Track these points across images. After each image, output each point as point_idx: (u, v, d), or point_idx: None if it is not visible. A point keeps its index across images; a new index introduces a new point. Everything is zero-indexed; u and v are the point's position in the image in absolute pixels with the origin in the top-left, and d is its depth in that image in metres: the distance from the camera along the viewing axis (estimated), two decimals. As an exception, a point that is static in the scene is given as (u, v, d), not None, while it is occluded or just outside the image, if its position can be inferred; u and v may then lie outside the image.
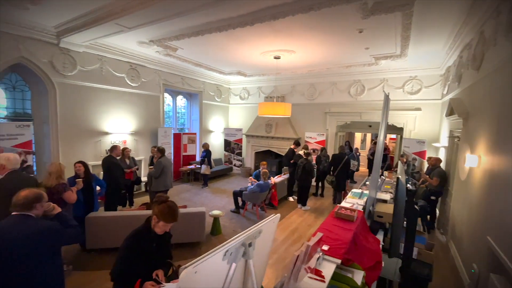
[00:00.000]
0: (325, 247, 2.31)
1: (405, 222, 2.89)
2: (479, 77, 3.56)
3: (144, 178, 7.00)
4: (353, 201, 3.71)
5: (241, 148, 10.29)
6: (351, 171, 8.48)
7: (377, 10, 3.67)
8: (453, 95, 5.15)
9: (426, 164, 6.40)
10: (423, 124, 7.10)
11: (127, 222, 3.85)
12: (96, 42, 5.61)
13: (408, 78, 7.18)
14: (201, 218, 4.24)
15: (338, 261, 2.16)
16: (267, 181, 5.91)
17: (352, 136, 12.46)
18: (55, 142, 5.49)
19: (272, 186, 6.35)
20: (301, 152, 6.77)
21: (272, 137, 9.45)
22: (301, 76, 8.65)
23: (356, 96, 8.03)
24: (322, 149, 7.74)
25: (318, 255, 2.07)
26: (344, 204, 3.54)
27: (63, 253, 2.12)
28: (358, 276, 2.12)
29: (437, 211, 5.68)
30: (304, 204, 6.55)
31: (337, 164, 6.66)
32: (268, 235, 1.36)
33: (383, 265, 2.56)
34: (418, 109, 7.09)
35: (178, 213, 1.94)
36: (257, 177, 6.23)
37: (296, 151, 7.21)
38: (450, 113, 4.82)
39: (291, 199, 7.19)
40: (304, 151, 6.75)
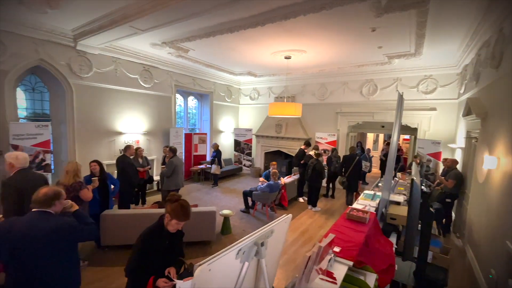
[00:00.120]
0: (337, 249, 2.29)
1: (419, 225, 2.83)
2: (498, 75, 3.42)
3: (156, 177, 7.12)
4: (365, 202, 3.65)
5: (250, 148, 10.31)
6: (363, 172, 8.34)
7: (391, 8, 3.59)
8: (470, 94, 4.98)
9: (441, 166, 6.22)
10: (439, 125, 6.90)
11: (140, 220, 3.95)
12: (111, 44, 5.77)
13: (422, 77, 6.99)
14: (211, 217, 4.29)
15: (350, 263, 2.13)
16: (277, 181, 5.90)
17: (364, 136, 12.25)
18: (71, 141, 5.68)
19: (282, 187, 6.33)
20: (312, 153, 6.72)
21: (282, 138, 9.42)
22: (311, 76, 8.58)
23: (369, 96, 7.89)
24: (333, 150, 7.66)
25: (330, 257, 2.05)
26: (356, 205, 3.49)
27: (79, 250, 2.18)
28: (370, 279, 2.09)
29: (453, 214, 5.51)
30: (315, 205, 6.49)
31: (349, 165, 6.58)
32: (280, 235, 1.37)
33: (396, 269, 2.50)
34: (433, 109, 6.89)
35: (190, 212, 1.97)
36: (267, 177, 6.22)
37: (307, 152, 7.16)
38: (467, 113, 4.66)
39: (301, 200, 7.15)
40: (314, 151, 6.70)
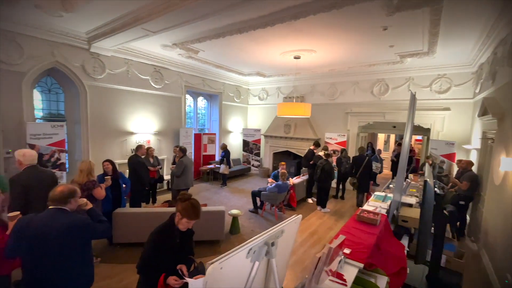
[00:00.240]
0: (347, 251, 2.26)
1: (432, 228, 2.77)
2: (516, 74, 3.31)
3: (166, 177, 7.23)
4: (376, 204, 3.59)
5: (259, 148, 10.31)
6: (374, 174, 8.20)
7: (403, 6, 3.53)
8: (486, 94, 4.83)
9: (455, 167, 6.06)
10: (453, 125, 6.72)
11: (151, 218, 4.02)
12: (123, 46, 5.90)
13: (436, 77, 6.82)
14: (220, 216, 4.32)
15: (360, 265, 2.10)
16: (286, 182, 5.87)
17: (375, 137, 12.05)
18: (85, 141, 5.84)
19: (291, 187, 6.31)
20: (321, 153, 6.66)
21: (291, 138, 9.38)
22: (321, 76, 8.51)
23: (380, 96, 7.76)
24: (342, 151, 7.57)
25: (340, 258, 2.03)
26: (366, 207, 3.44)
27: (92, 246, 2.24)
28: (381, 282, 2.06)
29: (468, 217, 5.35)
30: (324, 206, 6.44)
31: (358, 166, 6.49)
32: (290, 235, 1.37)
33: (408, 272, 2.46)
34: (447, 109, 6.71)
35: (200, 211, 1.99)
36: (276, 177, 6.21)
37: (316, 152, 7.10)
38: (483, 113, 4.52)
39: (310, 200, 7.10)
40: (324, 152, 6.64)
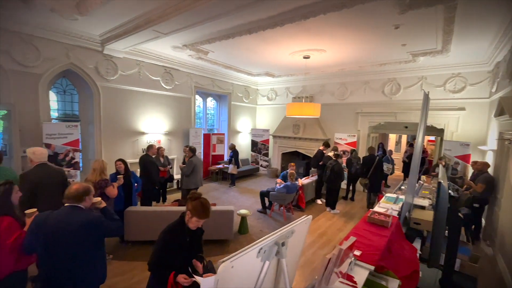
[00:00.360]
0: (357, 252, 2.24)
1: (446, 231, 2.69)
2: (536, 72, 3.18)
3: (177, 176, 7.33)
4: (387, 206, 3.52)
5: (267, 148, 10.31)
6: (385, 175, 8.06)
7: (416, 4, 3.45)
8: (503, 93, 4.66)
9: (470, 169, 5.88)
10: (468, 125, 6.52)
11: (161, 217, 4.08)
12: (135, 48, 6.01)
13: (450, 76, 6.64)
14: (229, 216, 4.35)
15: (371, 267, 2.07)
16: (295, 182, 5.85)
17: (386, 137, 11.83)
18: (98, 140, 5.99)
19: (299, 188, 6.27)
20: (331, 154, 6.60)
21: (300, 138, 9.33)
22: (331, 75, 8.43)
23: (391, 96, 7.62)
24: (352, 151, 7.47)
25: (350, 260, 2.00)
26: (377, 209, 3.39)
27: (105, 244, 2.29)
28: (393, 285, 2.02)
29: (483, 220, 5.18)
30: (333, 207, 6.37)
31: (369, 167, 6.40)
32: (300, 236, 1.36)
33: (420, 275, 2.40)
34: (461, 108, 6.52)
35: (210, 210, 2.01)
36: (285, 178, 6.19)
37: (325, 153, 7.03)
38: (500, 113, 4.37)
39: (319, 202, 7.04)
40: (333, 152, 6.57)
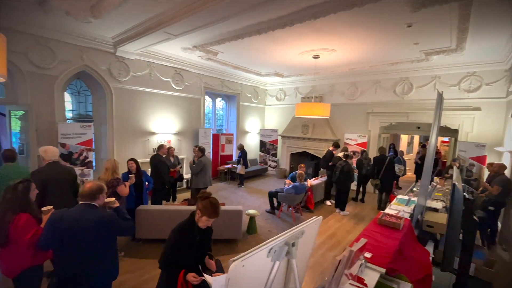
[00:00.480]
0: (368, 255, 2.20)
1: (460, 235, 2.62)
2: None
3: (186, 176, 7.41)
4: (398, 208, 3.45)
5: (276, 149, 10.28)
6: (397, 176, 7.91)
7: (430, 1, 3.37)
8: (522, 92, 4.50)
9: (486, 171, 5.69)
10: (483, 126, 6.31)
11: (171, 215, 4.13)
12: (147, 49, 6.12)
13: (465, 75, 6.45)
14: (238, 216, 4.36)
15: (382, 270, 2.04)
16: (303, 183, 5.81)
17: (397, 138, 11.60)
18: (111, 140, 6.13)
19: (308, 189, 6.23)
20: (340, 154, 6.52)
21: (309, 138, 9.26)
22: (341, 75, 8.33)
23: (403, 95, 7.46)
24: (362, 152, 7.36)
25: (361, 262, 1.98)
26: (388, 210, 3.33)
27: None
28: (405, 288, 1.98)
29: (499, 224, 5.01)
30: (343, 209, 6.29)
31: (380, 167, 6.31)
32: (310, 237, 1.35)
33: (433, 279, 2.35)
34: (477, 108, 6.32)
35: (219, 209, 2.02)
36: (294, 179, 6.16)
37: (335, 153, 6.95)
38: (519, 113, 4.21)
39: (328, 203, 6.97)
40: (343, 153, 6.49)
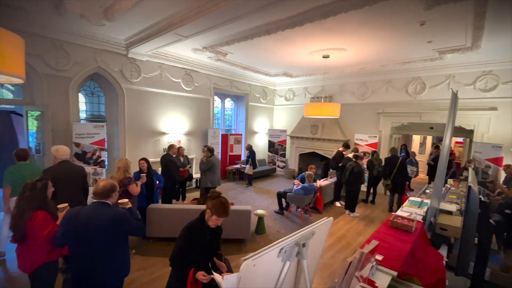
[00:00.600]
0: (379, 257, 2.17)
1: (476, 238, 2.54)
2: None
3: (196, 175, 7.48)
4: (410, 210, 3.38)
5: (285, 149, 10.25)
6: (409, 177, 7.74)
7: (444, -1, 3.30)
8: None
9: (502, 173, 5.50)
10: (500, 126, 6.09)
11: (181, 214, 4.19)
12: (157, 51, 6.23)
13: (481, 73, 6.26)
14: (247, 216, 4.37)
15: (394, 273, 2.00)
16: (312, 184, 5.76)
17: (409, 139, 11.35)
18: (123, 140, 6.26)
19: (317, 190, 6.17)
20: (351, 155, 6.44)
21: (318, 139, 9.19)
22: (351, 75, 8.23)
23: (415, 95, 7.30)
24: (373, 153, 7.23)
25: (372, 265, 1.95)
26: (400, 212, 3.26)
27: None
28: (417, 292, 1.94)
29: (518, 229, 4.82)
30: (353, 210, 6.21)
31: (392, 168, 6.20)
32: (320, 238, 1.34)
33: (447, 284, 2.28)
34: (493, 108, 6.12)
35: (229, 209, 2.04)
36: (303, 179, 6.12)
37: (345, 154, 6.87)
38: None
39: (338, 204, 6.89)
40: (353, 153, 6.41)
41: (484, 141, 6.24)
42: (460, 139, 9.72)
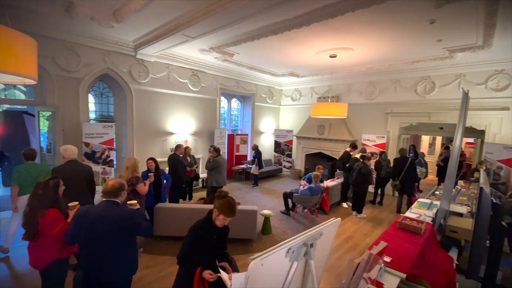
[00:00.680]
0: (387, 259, 2.15)
1: (487, 241, 2.49)
2: None
3: (202, 175, 7.53)
4: (420, 211, 3.33)
5: (291, 149, 10.21)
6: (418, 178, 7.62)
7: (454, -4, 3.23)
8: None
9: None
10: (512, 126, 5.95)
11: (188, 214, 4.23)
12: (165, 52, 6.29)
13: (492, 73, 6.11)
14: (253, 216, 4.37)
15: (402, 275, 1.98)
16: (319, 184, 5.73)
17: (418, 139, 11.17)
18: (131, 140, 6.35)
19: (324, 190, 6.13)
20: (358, 156, 6.37)
21: (325, 139, 9.12)
22: (358, 74, 8.14)
23: (424, 95, 7.18)
24: (381, 153, 7.14)
25: (380, 266, 1.93)
26: (409, 214, 3.21)
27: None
28: (427, 295, 1.91)
29: (532, 232, 4.69)
30: (360, 211, 6.14)
31: (401, 168, 6.12)
32: (328, 238, 1.34)
33: (457, 287, 2.24)
34: (505, 108, 5.96)
35: (236, 209, 2.05)
36: (310, 180, 6.09)
37: (352, 155, 6.80)
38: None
39: (345, 205, 6.83)
40: (361, 154, 6.34)
41: (496, 141, 6.09)
42: (471, 140, 9.51)
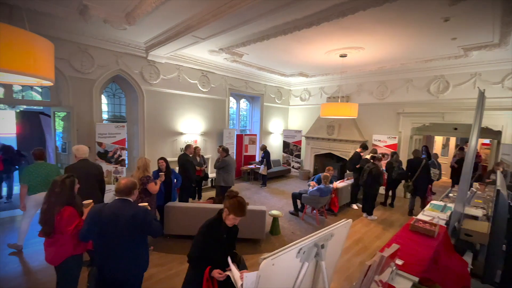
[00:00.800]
0: (399, 262, 2.11)
1: (504, 245, 2.40)
2: None
3: (211, 175, 7.60)
4: (433, 214, 3.25)
5: (300, 150, 10.16)
6: (431, 180, 7.44)
7: (470, -7, 3.15)
8: None
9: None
10: (531, 127, 5.73)
11: (197, 213, 4.28)
12: (176, 53, 6.38)
13: (509, 71, 5.90)
14: (261, 216, 4.38)
15: (415, 278, 1.94)
16: (328, 185, 5.67)
17: (431, 140, 10.90)
18: (142, 140, 6.48)
19: (333, 191, 6.07)
20: (368, 157, 6.28)
21: (334, 140, 9.03)
22: (369, 74, 8.02)
23: (438, 94, 7.00)
24: (393, 154, 7.01)
25: (391, 269, 1.89)
26: (421, 216, 3.14)
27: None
28: (440, 300, 1.87)
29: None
30: (370, 213, 6.05)
31: (415, 170, 6.00)
32: (339, 240, 1.33)
33: (473, 292, 2.18)
34: (524, 108, 5.76)
35: (246, 208, 2.06)
36: (319, 181, 6.04)
37: (363, 155, 6.70)
38: None
39: (355, 206, 6.74)
40: (371, 155, 6.24)
41: (514, 143, 5.88)
42: (487, 141, 9.21)
